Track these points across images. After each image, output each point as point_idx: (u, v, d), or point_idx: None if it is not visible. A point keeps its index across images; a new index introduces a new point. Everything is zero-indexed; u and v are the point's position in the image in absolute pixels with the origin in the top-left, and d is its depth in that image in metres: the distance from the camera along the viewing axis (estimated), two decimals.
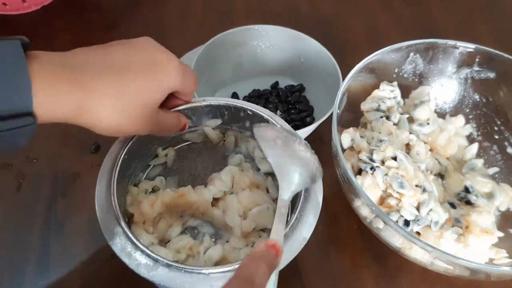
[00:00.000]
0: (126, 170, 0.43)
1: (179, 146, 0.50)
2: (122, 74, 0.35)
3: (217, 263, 0.42)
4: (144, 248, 0.36)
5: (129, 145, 0.42)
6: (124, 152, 0.41)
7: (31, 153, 0.56)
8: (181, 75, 0.38)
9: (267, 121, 0.44)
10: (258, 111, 0.45)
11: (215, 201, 0.46)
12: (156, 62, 0.37)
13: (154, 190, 0.47)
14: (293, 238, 0.38)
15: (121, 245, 0.36)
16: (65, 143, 0.57)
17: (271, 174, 0.48)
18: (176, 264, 0.35)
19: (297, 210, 0.39)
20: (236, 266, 0.35)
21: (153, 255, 0.35)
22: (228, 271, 0.35)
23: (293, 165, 0.40)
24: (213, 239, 0.45)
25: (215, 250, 0.42)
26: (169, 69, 0.37)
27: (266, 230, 0.45)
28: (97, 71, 0.34)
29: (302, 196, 0.40)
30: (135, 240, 0.36)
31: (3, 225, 0.50)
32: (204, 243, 0.44)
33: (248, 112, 0.45)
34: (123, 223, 0.37)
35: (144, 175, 0.48)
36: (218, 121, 0.48)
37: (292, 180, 0.39)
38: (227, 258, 0.42)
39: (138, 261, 0.35)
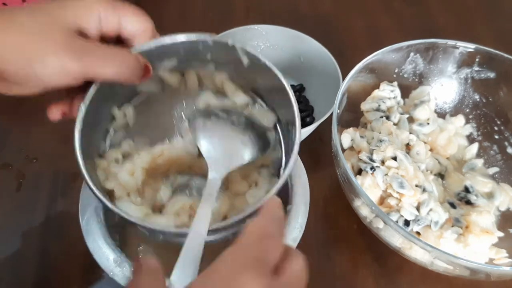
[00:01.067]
0: (89, 146, 0.37)
1: (136, 100, 0.42)
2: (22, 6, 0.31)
3: (225, 216, 0.39)
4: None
5: (83, 114, 0.35)
6: (81, 127, 0.35)
7: (31, 153, 0.56)
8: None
9: (233, 47, 0.39)
10: (220, 40, 0.38)
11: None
12: None
13: (124, 157, 0.41)
14: (291, 228, 0.38)
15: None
16: (65, 143, 0.57)
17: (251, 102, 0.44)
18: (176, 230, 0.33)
19: (290, 203, 0.39)
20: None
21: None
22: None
23: (224, 142, 0.39)
24: None
25: (221, 202, 0.39)
26: None
27: (264, 166, 0.43)
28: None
29: (290, 189, 0.40)
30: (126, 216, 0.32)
31: (3, 225, 0.50)
32: None
33: (209, 43, 0.38)
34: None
35: (107, 144, 0.41)
36: (173, 61, 0.40)
37: (222, 159, 0.38)
38: (235, 206, 0.39)
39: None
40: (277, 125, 0.43)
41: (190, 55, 0.40)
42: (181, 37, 0.38)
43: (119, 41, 0.35)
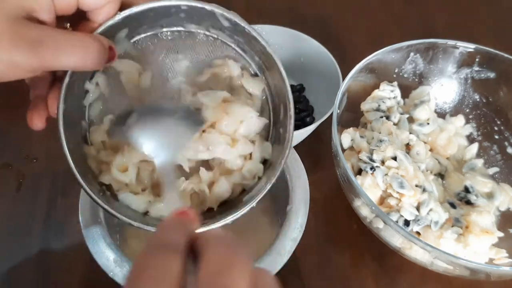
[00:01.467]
0: (74, 135, 0.36)
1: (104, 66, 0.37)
2: None
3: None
4: None
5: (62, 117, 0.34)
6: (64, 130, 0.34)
7: (31, 153, 0.56)
8: None
9: (212, 13, 0.36)
10: (196, 4, 0.35)
11: None
12: None
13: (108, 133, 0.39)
14: (291, 228, 0.38)
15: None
16: None
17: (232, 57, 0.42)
18: None
19: (289, 201, 0.39)
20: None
21: None
22: None
23: None
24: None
25: (221, 185, 0.38)
26: None
27: (257, 135, 0.41)
28: None
29: (290, 189, 0.40)
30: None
31: (3, 225, 0.50)
32: (203, 179, 0.39)
33: (182, 7, 0.35)
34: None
35: (87, 122, 0.39)
36: (143, 28, 0.37)
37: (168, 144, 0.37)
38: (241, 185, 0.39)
39: None
40: (266, 90, 0.42)
41: (161, 19, 0.37)
42: (152, 4, 0.34)
43: (81, 16, 0.31)
